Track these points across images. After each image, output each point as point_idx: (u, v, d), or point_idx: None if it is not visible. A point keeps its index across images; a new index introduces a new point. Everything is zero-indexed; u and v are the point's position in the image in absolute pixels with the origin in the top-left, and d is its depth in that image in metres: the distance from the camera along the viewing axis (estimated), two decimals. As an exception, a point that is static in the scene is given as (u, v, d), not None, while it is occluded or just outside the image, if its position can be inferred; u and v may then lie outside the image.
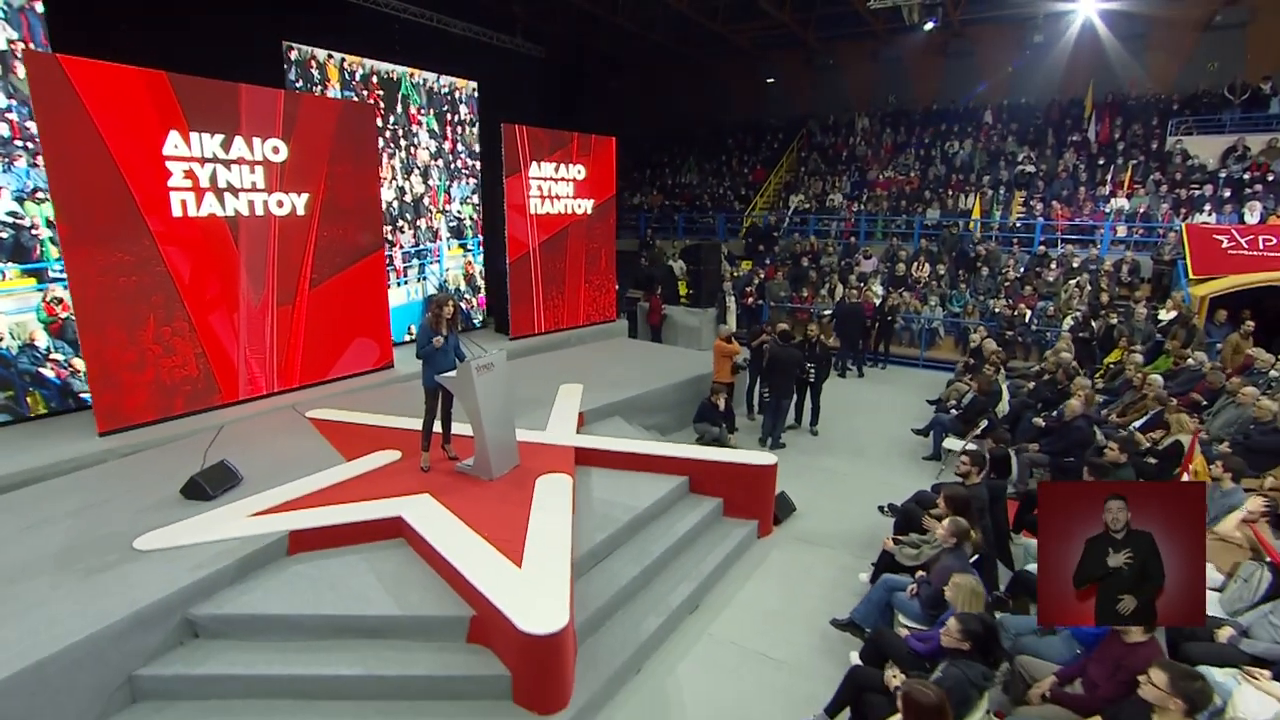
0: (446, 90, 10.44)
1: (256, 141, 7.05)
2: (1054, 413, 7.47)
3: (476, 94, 11.13)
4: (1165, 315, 11.24)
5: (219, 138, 6.73)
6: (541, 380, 8.16)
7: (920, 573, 4.26)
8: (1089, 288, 12.79)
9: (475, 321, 11.27)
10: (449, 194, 10.68)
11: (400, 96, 9.89)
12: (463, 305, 10.85)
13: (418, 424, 5.67)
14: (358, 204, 8.21)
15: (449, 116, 10.54)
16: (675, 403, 8.13)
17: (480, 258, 11.48)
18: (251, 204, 7.13)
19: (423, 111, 10.13)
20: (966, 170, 17.54)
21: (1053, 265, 13.81)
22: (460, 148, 10.81)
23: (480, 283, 11.28)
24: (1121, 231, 14.67)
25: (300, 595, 4.08)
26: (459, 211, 10.81)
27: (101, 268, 5.98)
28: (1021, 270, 14.08)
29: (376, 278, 8.58)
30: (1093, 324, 11.31)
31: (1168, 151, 15.85)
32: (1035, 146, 17.56)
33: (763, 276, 14.70)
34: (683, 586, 4.83)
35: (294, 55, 9.01)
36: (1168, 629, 3.59)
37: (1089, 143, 16.98)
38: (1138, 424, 7.57)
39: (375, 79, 9.65)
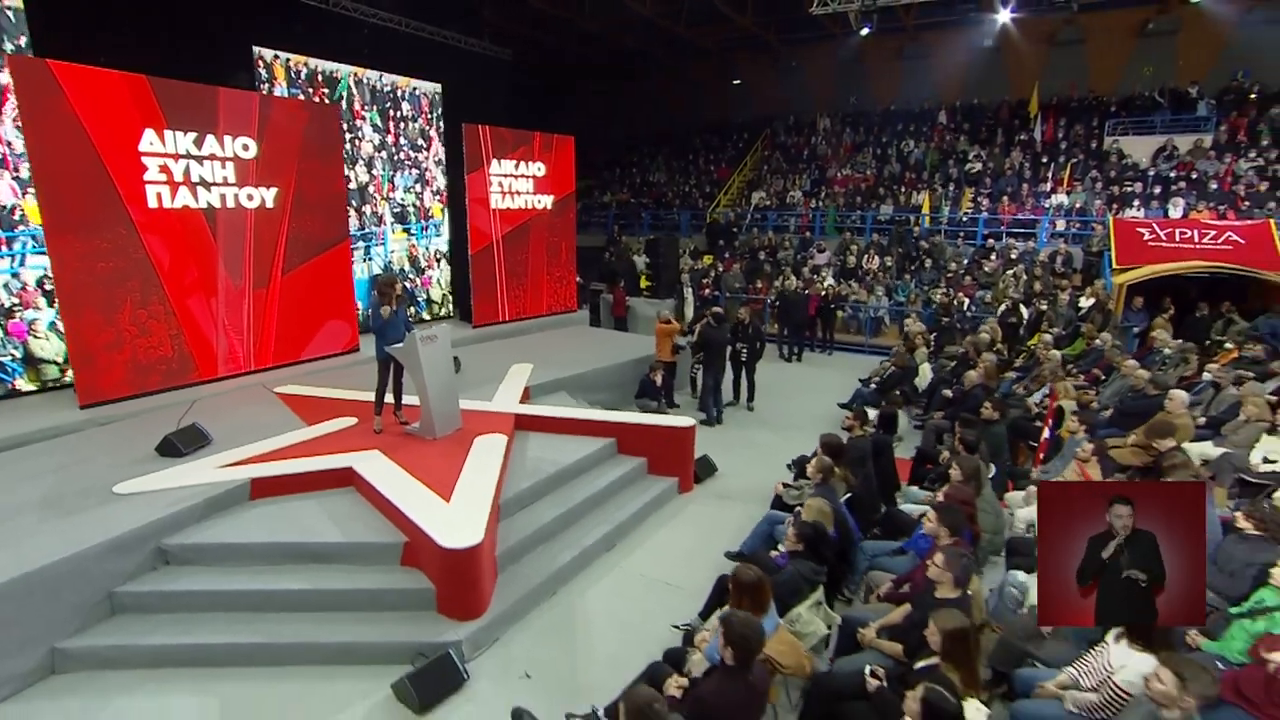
0: (388, 89, 11.01)
1: (227, 139, 7.65)
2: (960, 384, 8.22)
3: (418, 91, 11.63)
4: (1085, 302, 12.09)
5: (191, 135, 7.32)
6: (497, 362, 8.79)
7: (797, 508, 4.95)
8: (1025, 277, 13.62)
9: (420, 301, 11.79)
10: (393, 183, 11.28)
11: (343, 93, 10.41)
12: (407, 284, 11.41)
13: (373, 394, 6.30)
14: (324, 198, 8.82)
15: (391, 112, 11.10)
16: (619, 381, 8.81)
17: (425, 243, 11.99)
18: (224, 197, 7.71)
19: (366, 107, 10.67)
20: (920, 168, 18.37)
21: (993, 257, 14.64)
22: (403, 141, 11.40)
23: (424, 264, 11.88)
24: (1061, 225, 15.53)
25: (259, 528, 4.72)
26: (402, 199, 11.43)
27: (80, 253, 6.54)
28: (966, 262, 14.91)
29: (343, 266, 9.20)
30: (1023, 310, 12.11)
31: (1105, 151, 16.77)
32: (985, 145, 18.43)
33: (720, 269, 15.43)
34: (601, 529, 5.51)
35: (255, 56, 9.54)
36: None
37: (1035, 142, 17.85)
38: (1038, 394, 8.36)
39: (320, 77, 10.17)
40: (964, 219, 16.40)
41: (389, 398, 6.39)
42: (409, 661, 3.95)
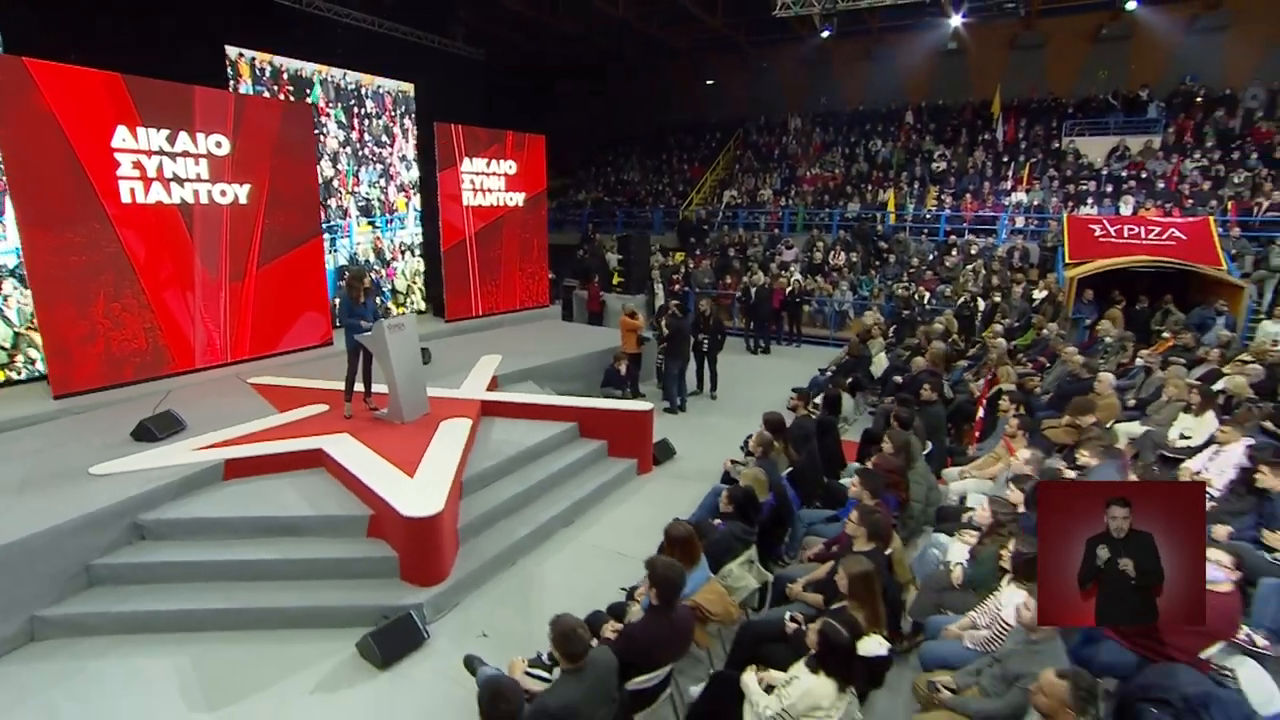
0: (353, 87, 11.21)
1: (200, 136, 7.83)
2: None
3: (382, 90, 11.79)
4: (1039, 294, 12.61)
5: (165, 132, 7.50)
6: (468, 355, 9.04)
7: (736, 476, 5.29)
8: (983, 272, 14.12)
9: (385, 292, 12.00)
10: (357, 177, 11.47)
11: (311, 92, 10.61)
12: (373, 276, 11.60)
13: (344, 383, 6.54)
14: (298, 194, 9.03)
15: (356, 110, 11.31)
16: (586, 371, 9.11)
17: (389, 236, 12.20)
18: (196, 193, 7.90)
19: (331, 104, 10.87)
20: (887, 167, 18.87)
21: (953, 253, 15.15)
22: (368, 137, 11.61)
23: (389, 256, 12.09)
24: (1020, 222, 16.09)
25: (232, 505, 4.97)
26: (367, 194, 11.63)
27: (53, 247, 6.70)
28: (929, 258, 15.41)
29: (316, 261, 9.41)
30: (980, 302, 12.59)
31: (1062, 150, 17.38)
32: (950, 145, 18.97)
33: (691, 265, 15.79)
34: (560, 505, 5.81)
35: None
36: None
37: (997, 142, 18.42)
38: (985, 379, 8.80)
39: (285, 75, 10.36)
40: (928, 216, 16.92)
41: (359, 386, 6.64)
42: (374, 624, 4.22)
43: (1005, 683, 3.03)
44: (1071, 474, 5.65)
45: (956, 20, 15.73)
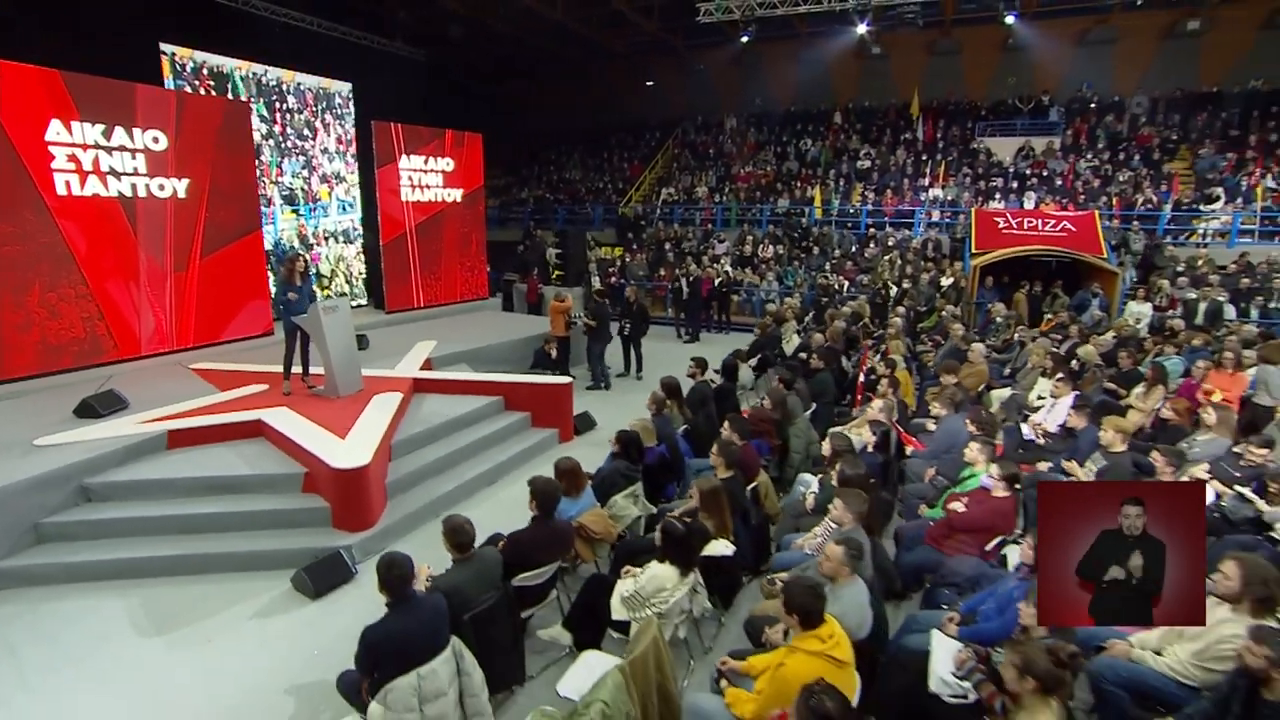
0: (274, 83, 11.53)
1: (137, 132, 8.13)
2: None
3: (303, 86, 12.04)
4: (945, 282, 13.72)
5: (100, 127, 7.78)
6: (407, 342, 9.51)
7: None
8: (899, 262, 15.19)
9: (311, 275, 12.17)
10: (280, 168, 11.77)
11: (235, 87, 10.92)
12: (306, 258, 11.85)
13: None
14: (237, 190, 9.37)
15: (277, 105, 11.61)
16: (517, 355, 9.71)
17: (313, 223, 12.47)
18: (134, 186, 8.19)
19: (253, 99, 11.10)
20: (815, 165, 19.93)
21: (872, 245, 16.23)
22: (290, 130, 11.92)
23: (312, 241, 12.42)
24: (935, 216, 17.28)
25: (175, 469, 5.43)
26: (290, 183, 11.94)
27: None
28: (851, 249, 16.46)
29: (256, 254, 9.75)
30: (892, 289, 13.62)
31: (975, 150, 18.69)
32: (875, 144, 20.13)
33: (628, 259, 16.51)
34: (484, 466, 6.43)
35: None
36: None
37: (917, 141, 19.65)
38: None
39: (206, 71, 10.57)
40: (852, 211, 18.00)
41: (297, 367, 7.11)
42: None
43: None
44: (932, 425, 6.54)
45: (863, 28, 16.83)
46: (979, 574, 3.93)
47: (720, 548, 3.82)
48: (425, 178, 12.20)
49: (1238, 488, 4.72)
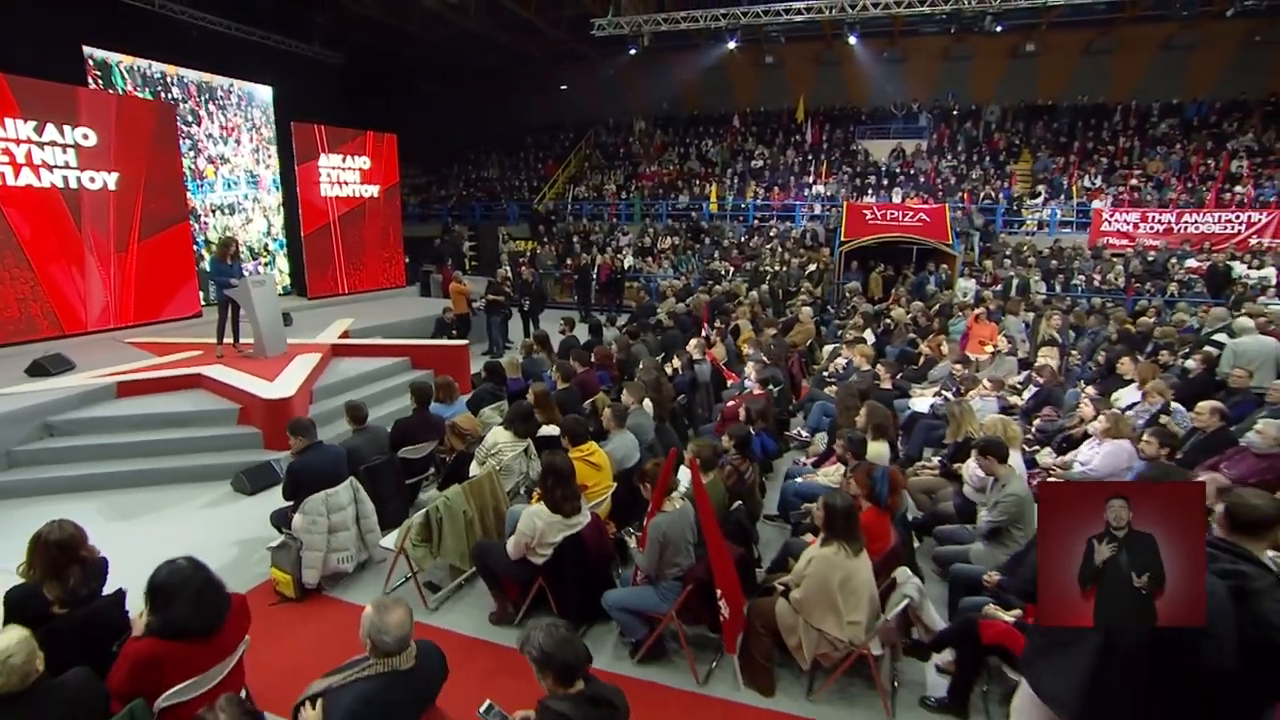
0: (158, 75, 12.22)
1: (68, 129, 9.05)
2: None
3: (186, 79, 12.71)
4: (813, 267, 15.77)
5: (32, 123, 8.68)
6: (328, 321, 10.71)
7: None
8: (779, 250, 17.18)
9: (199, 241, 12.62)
10: None
11: (117, 80, 11.56)
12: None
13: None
14: (166, 182, 10.36)
15: (161, 95, 12.15)
16: (424, 330, 11.02)
17: (200, 198, 12.73)
18: (66, 179, 9.11)
19: (138, 89, 11.78)
20: (714, 164, 21.84)
21: (757, 236, 18.22)
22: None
23: (200, 214, 12.79)
24: (817, 209, 19.41)
25: (128, 408, 6.59)
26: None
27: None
28: (740, 240, 18.40)
29: (184, 242, 10.75)
30: (768, 274, 15.55)
31: (854, 150, 20.98)
32: (769, 145, 22.19)
33: (538, 251, 17.99)
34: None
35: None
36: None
37: (805, 143, 21.82)
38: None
39: (91, 63, 11.10)
40: (744, 206, 19.98)
41: (228, 336, 8.28)
42: (245, 474, 6.06)
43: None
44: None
45: (731, 45, 18.88)
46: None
47: (548, 430, 5.37)
48: (344, 174, 13.35)
49: (944, 393, 6.67)
